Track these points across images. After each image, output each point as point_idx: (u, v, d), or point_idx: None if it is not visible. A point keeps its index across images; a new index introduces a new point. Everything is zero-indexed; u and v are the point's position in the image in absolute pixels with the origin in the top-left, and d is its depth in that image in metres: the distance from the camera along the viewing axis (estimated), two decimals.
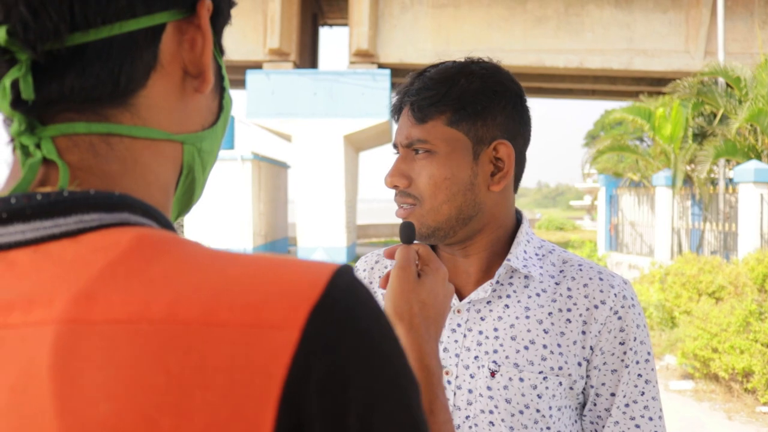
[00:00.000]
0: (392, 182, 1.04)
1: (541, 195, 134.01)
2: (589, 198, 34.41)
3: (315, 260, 0.45)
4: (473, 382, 1.03)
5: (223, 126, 0.57)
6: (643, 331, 1.05)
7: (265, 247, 17.89)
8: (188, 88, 0.51)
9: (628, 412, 1.03)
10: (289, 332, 0.40)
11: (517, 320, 1.04)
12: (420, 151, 1.03)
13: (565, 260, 1.10)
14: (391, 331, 0.44)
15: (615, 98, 21.89)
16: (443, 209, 1.02)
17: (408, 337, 0.82)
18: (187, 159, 0.53)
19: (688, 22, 16.42)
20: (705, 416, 5.55)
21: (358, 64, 16.65)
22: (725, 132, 11.20)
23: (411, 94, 1.05)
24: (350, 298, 0.43)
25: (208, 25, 0.50)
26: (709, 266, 8.13)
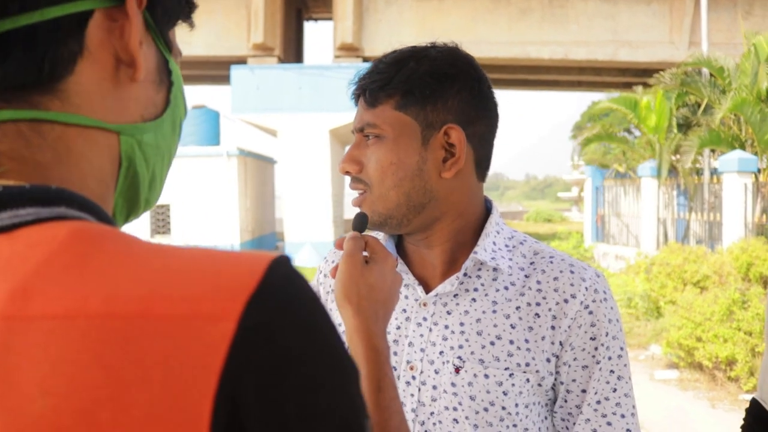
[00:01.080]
0: (343, 168, 1.02)
1: (530, 187, 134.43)
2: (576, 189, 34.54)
3: (254, 252, 0.45)
4: (438, 378, 1.00)
5: (171, 122, 0.56)
6: (615, 325, 1.01)
7: (252, 242, 17.83)
8: (123, 76, 0.51)
9: (599, 409, 0.99)
10: (226, 323, 0.40)
11: (484, 315, 1.00)
12: (370, 137, 1.00)
13: (536, 252, 1.06)
14: (328, 320, 0.44)
15: (601, 89, 21.94)
16: (391, 195, 0.98)
17: (356, 318, 0.85)
18: (125, 150, 0.52)
19: (672, 13, 16.46)
20: (689, 405, 5.58)
21: (342, 58, 16.59)
22: (709, 122, 11.25)
23: (363, 79, 1.02)
24: (287, 288, 0.43)
25: (136, 13, 0.50)
26: (694, 256, 8.18)
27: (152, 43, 0.54)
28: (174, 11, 0.56)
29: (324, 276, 1.19)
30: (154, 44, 0.54)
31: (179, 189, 16.27)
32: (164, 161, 0.57)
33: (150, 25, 0.53)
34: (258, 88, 16.09)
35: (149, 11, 0.52)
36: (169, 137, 0.57)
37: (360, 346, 0.83)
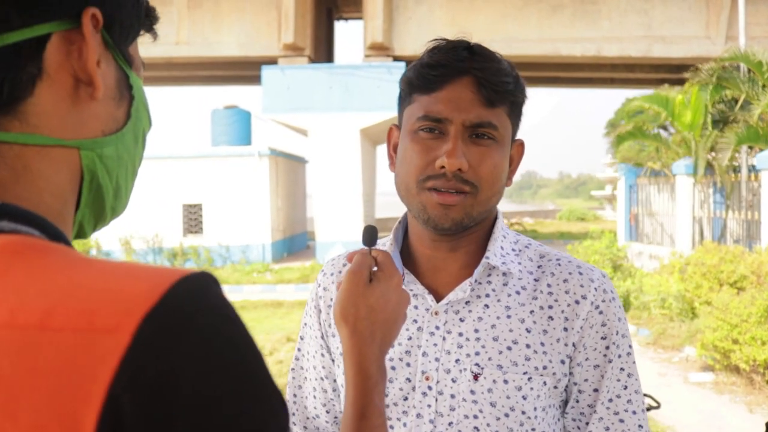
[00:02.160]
0: (459, 164, 0.93)
1: (563, 185, 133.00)
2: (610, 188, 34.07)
3: (170, 268, 0.45)
4: (455, 387, 0.99)
5: (134, 135, 0.59)
6: (623, 324, 1.03)
7: (283, 242, 17.95)
8: (83, 95, 0.53)
9: (611, 407, 1.00)
10: (120, 336, 0.40)
11: (498, 320, 1.00)
12: (486, 137, 0.97)
13: (542, 255, 1.07)
14: (241, 341, 0.44)
15: (634, 86, 21.60)
16: (492, 201, 0.99)
17: (350, 340, 0.83)
18: (87, 164, 0.54)
19: (709, 7, 16.13)
20: (725, 409, 5.45)
21: (373, 57, 16.59)
22: (747, 118, 10.98)
23: (487, 72, 0.96)
24: (192, 305, 0.43)
25: (92, 34, 0.52)
26: (731, 256, 7.99)
27: (112, 60, 0.56)
28: (133, 27, 0.58)
29: (324, 290, 1.14)
30: (113, 61, 0.56)
31: (211, 189, 16.45)
32: (128, 171, 0.59)
33: (109, 43, 0.55)
34: (289, 88, 16.19)
35: (107, 30, 0.54)
36: (131, 149, 0.59)
37: (350, 370, 0.81)
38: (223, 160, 16.60)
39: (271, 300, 11.34)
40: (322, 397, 1.14)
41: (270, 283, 13.52)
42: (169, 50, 16.96)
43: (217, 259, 16.42)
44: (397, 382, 1.02)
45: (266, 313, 10.21)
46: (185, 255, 16.20)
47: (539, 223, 33.79)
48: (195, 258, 16.16)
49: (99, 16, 0.53)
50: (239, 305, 10.87)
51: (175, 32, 16.79)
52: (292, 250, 19.11)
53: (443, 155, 0.94)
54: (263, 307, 10.80)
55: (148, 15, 0.61)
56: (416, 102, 0.99)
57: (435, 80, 0.96)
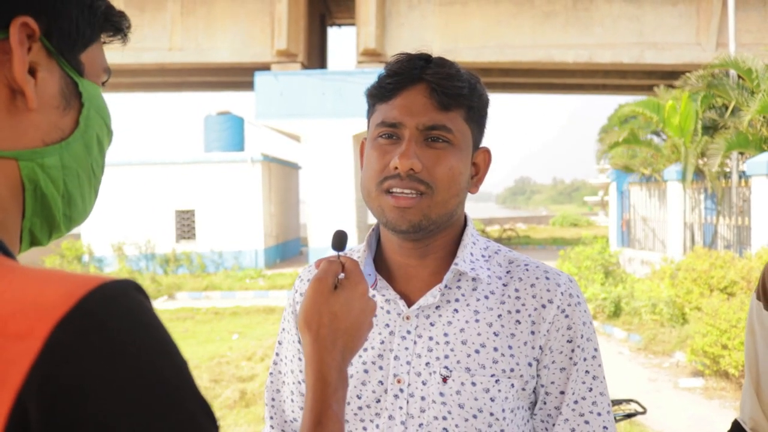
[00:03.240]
0: (411, 164, 0.95)
1: (556, 191, 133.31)
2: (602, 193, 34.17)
3: (96, 275, 0.45)
4: (425, 389, 1.01)
5: (83, 143, 0.58)
6: (589, 328, 1.05)
7: (276, 248, 17.93)
8: (19, 105, 0.53)
9: (577, 409, 1.03)
10: (32, 342, 0.40)
11: (467, 324, 1.03)
12: (440, 140, 0.99)
13: (511, 260, 1.09)
14: (156, 348, 0.44)
15: (626, 92, 21.71)
16: (450, 203, 1.00)
17: (312, 346, 0.83)
18: (27, 174, 0.54)
19: (699, 14, 16.23)
20: (715, 414, 5.46)
21: (366, 63, 16.63)
22: (737, 124, 11.04)
23: (434, 76, 0.98)
24: (107, 312, 0.42)
25: (18, 45, 0.51)
26: (721, 261, 8.02)
27: (56, 67, 0.55)
28: (83, 34, 0.57)
29: (300, 295, 1.16)
30: (58, 69, 0.55)
31: (204, 195, 16.44)
32: (81, 179, 0.58)
33: (51, 51, 0.54)
34: (282, 94, 16.20)
35: (48, 38, 0.54)
36: (82, 157, 0.58)
37: (310, 376, 0.82)
38: (216, 166, 16.59)
39: (264, 306, 11.32)
40: (299, 401, 1.16)
41: (262, 289, 13.49)
42: (162, 56, 16.96)
43: (210, 265, 16.39)
44: (370, 384, 1.04)
45: (258, 319, 10.19)
46: (178, 261, 16.16)
47: (532, 228, 33.86)
48: (188, 264, 16.13)
49: (33, 25, 0.52)
50: (231, 311, 10.84)
51: (168, 38, 16.79)
52: (285, 256, 19.09)
53: (396, 156, 0.97)
54: (255, 313, 10.78)
55: (108, 20, 0.60)
56: (377, 111, 1.03)
57: (390, 88, 1.00)
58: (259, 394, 5.75)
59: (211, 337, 8.92)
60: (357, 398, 1.05)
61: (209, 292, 13.15)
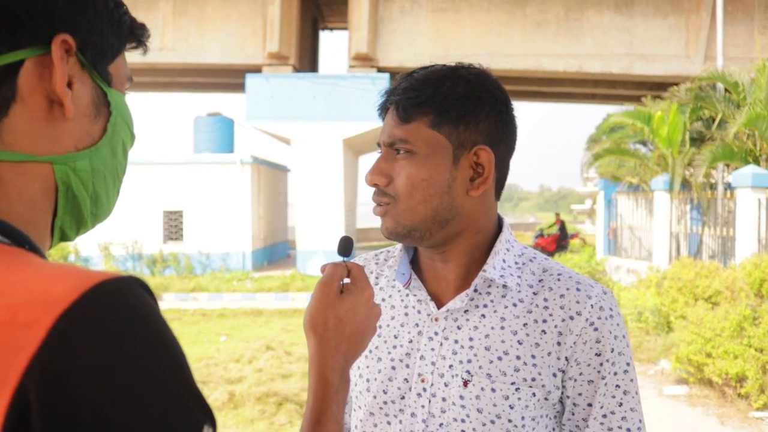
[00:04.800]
0: (372, 180, 1.04)
1: (543, 199, 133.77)
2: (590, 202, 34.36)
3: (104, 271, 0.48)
4: (447, 391, 1.03)
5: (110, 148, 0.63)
6: (621, 341, 1.04)
7: (264, 250, 17.90)
8: (56, 113, 0.58)
9: (605, 423, 1.02)
10: (36, 330, 0.44)
11: (492, 330, 1.04)
12: (401, 151, 1.03)
13: (545, 269, 1.09)
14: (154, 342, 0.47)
15: (615, 102, 21.86)
16: (419, 209, 1.01)
17: (317, 348, 0.86)
18: (60, 177, 0.59)
19: (689, 27, 16.42)
20: (698, 421, 5.53)
21: (357, 67, 16.67)
22: (723, 136, 11.19)
23: (397, 94, 1.05)
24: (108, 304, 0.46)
25: (60, 60, 0.56)
26: (706, 271, 8.12)
27: (88, 79, 0.60)
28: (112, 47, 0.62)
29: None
30: (90, 80, 0.60)
31: (193, 196, 16.39)
32: (107, 181, 0.63)
33: (85, 64, 0.59)
34: (272, 97, 16.20)
35: (82, 52, 0.59)
36: (108, 160, 0.63)
37: (313, 377, 0.84)
38: (205, 167, 16.55)
39: (251, 308, 11.30)
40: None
41: (250, 291, 13.47)
42: (153, 56, 16.90)
43: (197, 266, 16.33)
44: (396, 381, 1.07)
45: (246, 321, 10.18)
46: (165, 262, 16.10)
47: (519, 235, 33.96)
48: (175, 265, 16.07)
49: (71, 41, 0.57)
50: (219, 313, 10.82)
51: (160, 38, 16.74)
52: (273, 258, 19.06)
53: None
54: (243, 315, 10.76)
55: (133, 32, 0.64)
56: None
57: (380, 112, 1.09)
58: (248, 396, 5.75)
59: (198, 338, 8.90)
60: (383, 393, 1.08)
61: (196, 294, 13.12)
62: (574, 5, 16.58)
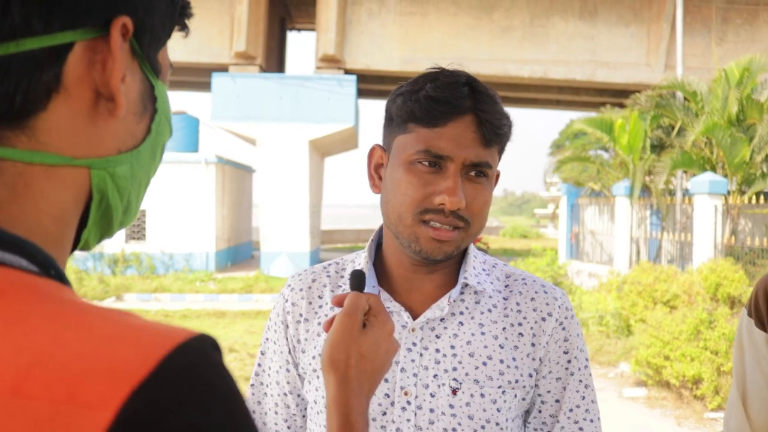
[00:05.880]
0: (457, 204, 0.96)
1: (507, 203, 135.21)
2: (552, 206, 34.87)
3: (169, 328, 0.40)
4: (434, 401, 1.03)
5: (151, 151, 0.54)
6: (581, 339, 1.11)
7: (228, 251, 17.73)
8: (102, 110, 0.48)
9: (572, 417, 1.07)
10: (102, 412, 0.36)
11: (473, 337, 1.05)
12: (481, 175, 1.00)
13: (508, 274, 1.13)
14: (236, 422, 0.40)
15: (579, 108, 22.23)
16: (478, 234, 1.04)
17: (339, 388, 0.80)
18: (97, 183, 0.49)
19: (650, 37, 16.78)
20: (655, 422, 5.66)
21: (324, 69, 16.64)
22: (682, 144, 11.47)
23: (484, 111, 0.98)
24: (186, 382, 0.38)
25: (119, 47, 0.47)
26: (665, 275, 8.31)
27: (138, 70, 0.51)
28: (165, 31, 0.53)
29: (292, 305, 1.14)
30: (140, 71, 0.51)
31: (156, 195, 16.16)
32: (141, 188, 0.55)
33: (137, 52, 0.50)
34: (239, 97, 16.07)
35: (136, 38, 0.49)
36: (147, 164, 0.54)
37: (335, 420, 0.78)
38: (169, 166, 16.34)
39: (214, 310, 11.19)
40: (284, 413, 1.15)
41: (213, 292, 13.34)
42: None
43: (160, 266, 16.11)
44: (376, 398, 1.03)
45: (209, 323, 10.08)
46: (127, 262, 15.84)
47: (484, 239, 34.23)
48: (137, 265, 15.82)
49: (129, 25, 0.48)
50: (181, 314, 10.69)
51: None
52: (237, 259, 18.90)
53: (443, 192, 0.96)
54: (206, 316, 10.65)
55: (183, 13, 0.55)
56: (414, 133, 1.00)
57: (439, 116, 0.97)
58: None
59: None
60: None
61: (159, 294, 12.93)
62: (540, 12, 16.81)
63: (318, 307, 1.12)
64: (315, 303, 1.13)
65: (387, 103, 1.06)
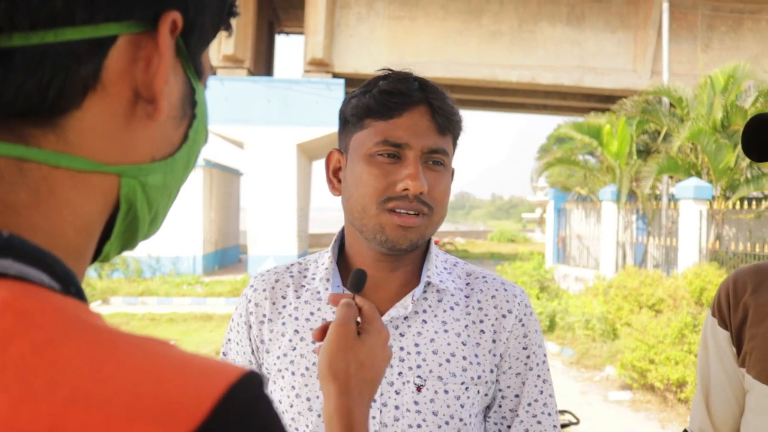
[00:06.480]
0: (422, 188, 0.99)
1: (495, 207, 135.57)
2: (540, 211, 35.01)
3: (215, 364, 0.37)
4: (399, 398, 1.04)
5: (186, 160, 0.49)
6: (540, 335, 1.14)
7: (215, 254, 17.67)
8: (140, 113, 0.44)
9: (530, 410, 1.10)
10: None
11: (437, 334, 1.07)
12: (439, 163, 1.04)
13: (469, 273, 1.15)
14: None
15: (566, 113, 22.36)
16: (441, 222, 1.06)
17: (340, 398, 0.78)
18: (126, 193, 0.44)
19: (636, 43, 16.91)
20: (640, 426, 5.69)
21: (312, 72, 16.64)
22: (668, 149, 11.56)
23: (436, 99, 1.03)
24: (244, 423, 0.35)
25: (167, 45, 0.43)
26: (650, 279, 8.37)
27: (181, 71, 0.46)
28: (212, 31, 0.48)
29: (255, 305, 1.14)
30: (182, 72, 0.47)
31: None
32: (170, 198, 0.50)
33: (182, 52, 0.46)
34: (227, 100, 16.03)
35: (183, 37, 0.45)
36: (180, 174, 0.49)
37: (338, 430, 0.77)
38: None
39: (201, 313, 11.14)
40: None
41: (200, 296, 13.28)
42: None
43: (147, 270, 16.03)
44: None
45: (195, 326, 10.03)
46: (113, 265, 15.74)
47: (471, 243, 34.35)
48: (123, 268, 15.73)
49: (179, 22, 0.43)
50: (168, 317, 10.64)
51: None
52: (224, 263, 18.83)
53: (405, 179, 0.99)
54: (193, 320, 10.60)
55: (230, 12, 0.50)
56: (371, 127, 1.03)
57: (394, 107, 1.01)
58: None
59: None
60: None
61: (145, 298, 12.86)
62: (528, 17, 16.91)
63: (282, 307, 1.13)
64: (278, 303, 1.13)
65: (341, 108, 1.09)
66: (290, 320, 1.10)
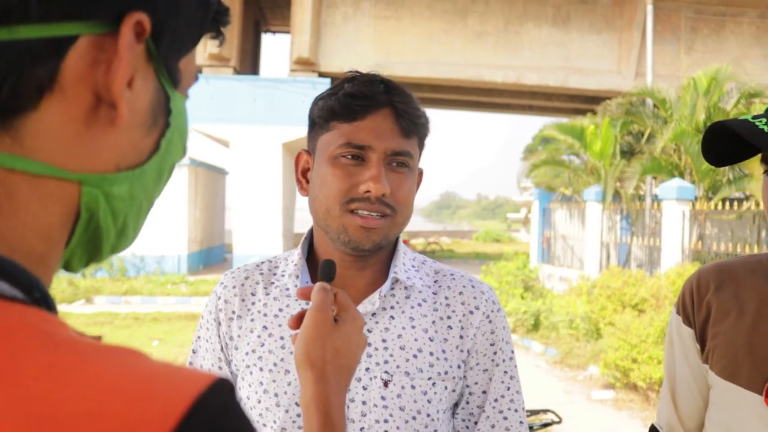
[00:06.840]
0: (381, 190, 1.00)
1: (480, 207, 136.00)
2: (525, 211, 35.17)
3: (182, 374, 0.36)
4: (366, 394, 1.05)
5: (157, 171, 0.47)
6: (507, 332, 1.15)
7: (200, 253, 17.59)
8: (102, 118, 0.41)
9: (497, 407, 1.11)
10: None
11: (404, 330, 1.08)
12: (403, 165, 1.05)
13: (437, 270, 1.17)
14: None
15: (551, 114, 22.47)
16: (405, 224, 1.08)
17: (317, 386, 0.78)
18: (86, 201, 0.42)
19: (621, 45, 17.03)
20: (623, 425, 5.74)
21: (298, 72, 16.61)
22: (652, 150, 11.66)
23: (400, 102, 1.04)
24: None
25: (127, 45, 0.41)
26: (633, 279, 8.44)
27: (153, 76, 0.44)
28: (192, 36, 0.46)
29: (225, 302, 1.14)
30: (155, 78, 0.45)
31: None
32: (141, 210, 0.48)
33: (153, 56, 0.44)
34: (212, 98, 15.96)
35: (154, 40, 0.43)
36: (150, 186, 0.47)
37: (315, 418, 0.76)
38: None
39: (186, 312, 11.09)
40: None
41: (185, 295, 13.22)
42: None
43: (131, 269, 15.92)
44: None
45: (180, 326, 9.98)
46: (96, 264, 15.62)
47: (456, 243, 34.43)
48: (107, 267, 15.62)
49: (146, 24, 0.42)
50: (152, 317, 10.58)
51: None
52: (209, 262, 18.75)
53: (368, 180, 1.01)
54: (177, 319, 10.55)
55: (217, 17, 0.48)
56: (336, 129, 1.04)
57: (358, 110, 1.03)
58: None
59: (130, 343, 8.66)
60: (296, 405, 1.05)
61: (129, 297, 12.78)
62: (514, 18, 16.97)
63: (251, 304, 1.14)
64: (248, 300, 1.14)
65: (310, 110, 1.10)
66: (259, 317, 1.11)
